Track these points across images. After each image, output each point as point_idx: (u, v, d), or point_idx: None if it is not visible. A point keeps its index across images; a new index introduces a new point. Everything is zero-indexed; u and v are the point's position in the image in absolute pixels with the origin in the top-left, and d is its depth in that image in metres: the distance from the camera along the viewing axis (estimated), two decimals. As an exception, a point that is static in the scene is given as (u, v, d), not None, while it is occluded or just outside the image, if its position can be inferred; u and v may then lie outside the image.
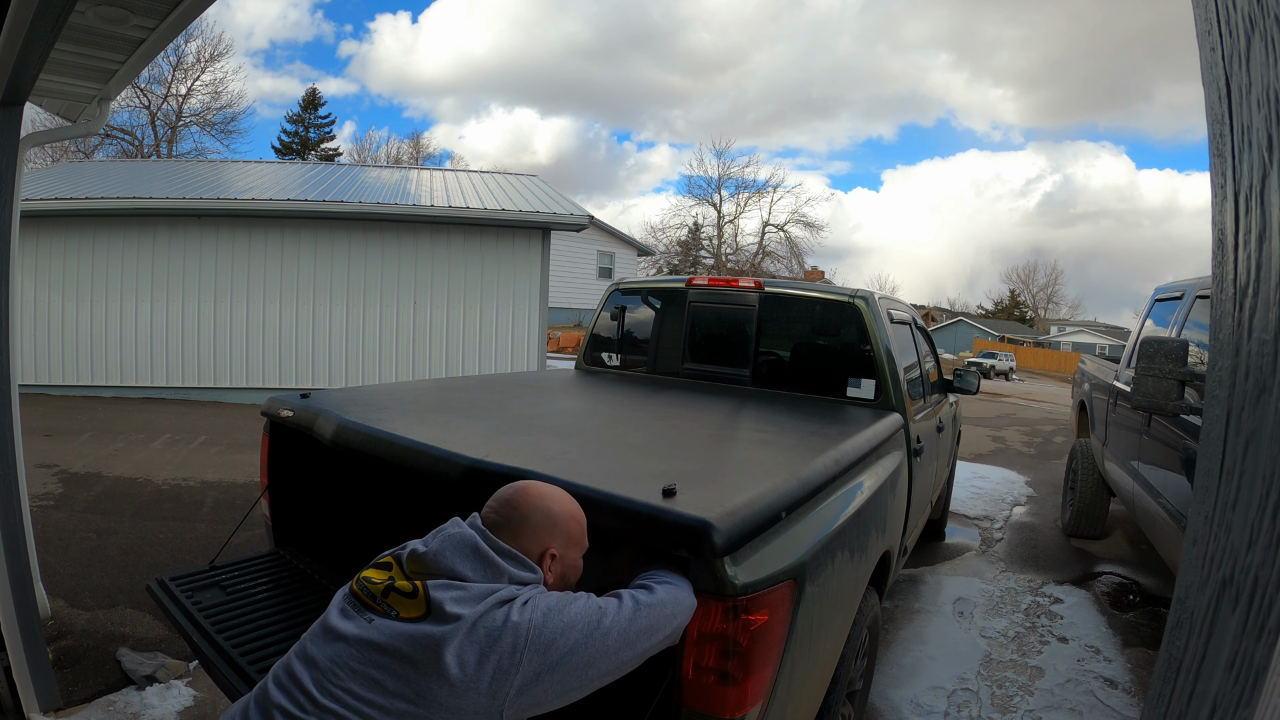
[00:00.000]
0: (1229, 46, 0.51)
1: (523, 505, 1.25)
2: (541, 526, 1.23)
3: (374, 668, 1.07)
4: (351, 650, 1.10)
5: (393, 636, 1.09)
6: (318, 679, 1.09)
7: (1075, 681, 2.99)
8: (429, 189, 10.58)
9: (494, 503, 1.27)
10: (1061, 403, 17.56)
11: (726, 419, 2.54)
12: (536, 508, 1.25)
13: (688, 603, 1.28)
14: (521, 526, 1.22)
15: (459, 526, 1.22)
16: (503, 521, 1.23)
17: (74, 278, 8.56)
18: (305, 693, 1.08)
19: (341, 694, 1.06)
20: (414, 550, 1.21)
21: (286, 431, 2.30)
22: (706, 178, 45.80)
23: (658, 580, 1.29)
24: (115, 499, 4.72)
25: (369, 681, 1.07)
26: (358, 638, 1.11)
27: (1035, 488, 6.84)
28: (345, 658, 1.09)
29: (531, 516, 1.23)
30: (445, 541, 1.19)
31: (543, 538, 1.23)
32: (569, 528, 1.27)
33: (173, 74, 29.72)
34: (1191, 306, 3.49)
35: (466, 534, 1.20)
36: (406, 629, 1.09)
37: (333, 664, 1.09)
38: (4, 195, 2.32)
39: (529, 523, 1.23)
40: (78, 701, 2.43)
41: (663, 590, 1.26)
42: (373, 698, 1.05)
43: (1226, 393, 0.53)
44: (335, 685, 1.07)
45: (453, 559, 1.16)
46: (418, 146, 43.14)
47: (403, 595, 1.13)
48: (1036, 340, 50.08)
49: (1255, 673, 0.49)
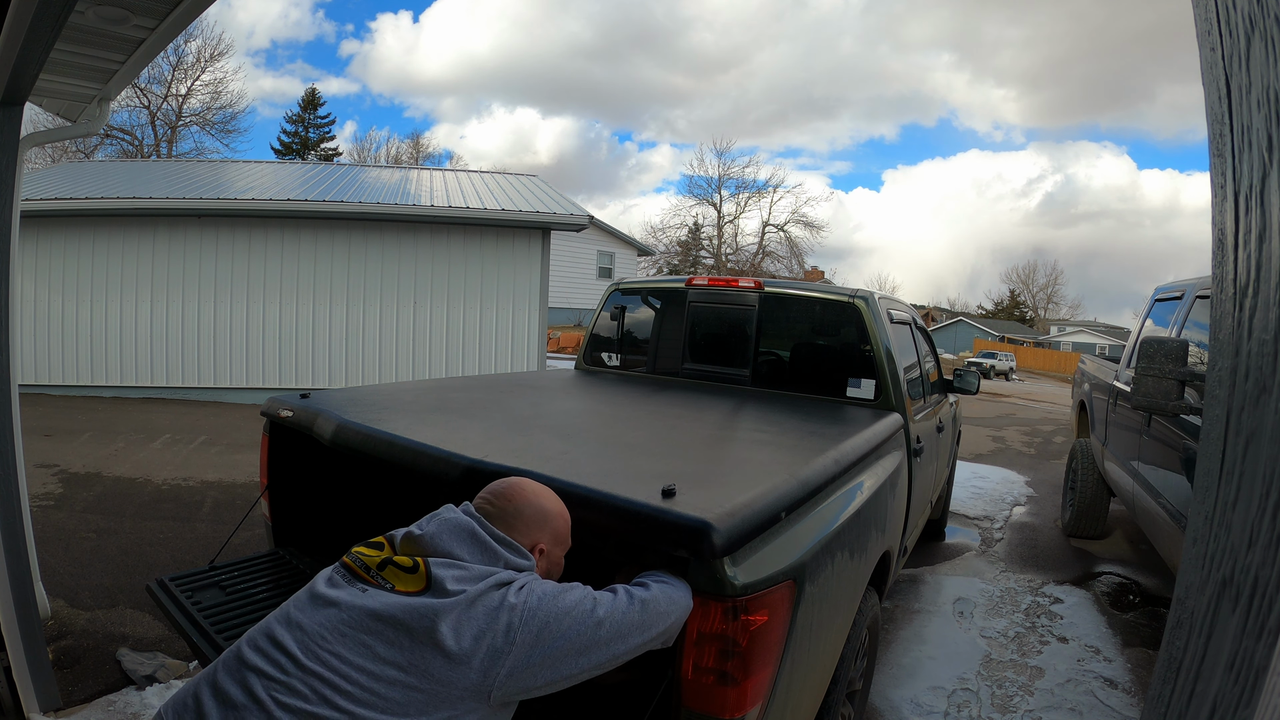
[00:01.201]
0: (1229, 46, 0.51)
1: (517, 499, 1.28)
2: (533, 521, 1.27)
3: (366, 633, 1.06)
4: (343, 615, 1.08)
5: (389, 605, 1.09)
6: (303, 642, 1.07)
7: (1075, 681, 2.99)
8: (429, 189, 10.58)
9: (487, 494, 1.29)
10: (1061, 403, 17.56)
11: (726, 419, 2.54)
12: (530, 503, 1.28)
13: (684, 603, 1.28)
14: (515, 519, 1.25)
15: (454, 512, 1.24)
16: (497, 513, 1.25)
17: (74, 278, 8.56)
18: (288, 655, 1.05)
19: (329, 657, 1.04)
20: (410, 532, 1.22)
21: (286, 432, 2.30)
22: (706, 178, 45.74)
23: (656, 579, 1.30)
24: (115, 499, 4.72)
25: (359, 646, 1.05)
26: (351, 604, 1.10)
27: (1035, 488, 6.84)
28: (336, 622, 1.08)
29: (525, 511, 1.27)
30: (443, 525, 1.21)
31: (534, 532, 1.26)
32: (557, 525, 1.31)
33: (173, 74, 29.73)
34: (1191, 306, 3.49)
35: (464, 520, 1.22)
36: (404, 599, 1.09)
37: (321, 628, 1.08)
38: (4, 195, 2.32)
39: (522, 516, 1.26)
40: (78, 701, 2.43)
41: (659, 589, 1.26)
42: (362, 663, 1.04)
43: (1226, 393, 0.53)
44: (322, 649, 1.05)
45: (450, 542, 1.18)
46: (417, 147, 43.17)
47: (401, 570, 1.14)
48: (1036, 340, 50.08)
49: (1255, 673, 0.49)
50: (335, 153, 39.67)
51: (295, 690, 1.02)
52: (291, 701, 1.01)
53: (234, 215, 8.76)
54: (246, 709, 1.01)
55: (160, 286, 8.71)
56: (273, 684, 1.03)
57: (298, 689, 1.02)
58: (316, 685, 1.02)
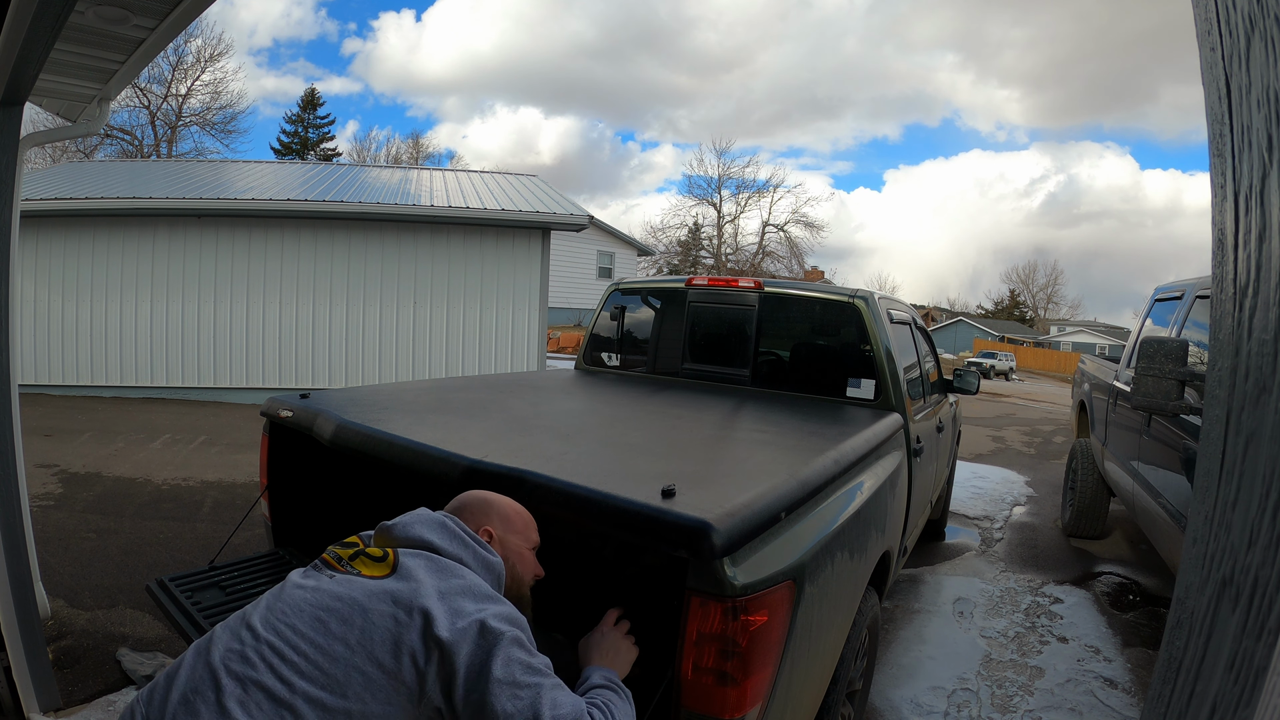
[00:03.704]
0: (1229, 46, 0.51)
1: (464, 497, 1.44)
2: (478, 509, 1.39)
3: (323, 610, 1.09)
4: (307, 595, 1.12)
5: (351, 586, 1.12)
6: (265, 617, 1.10)
7: (1075, 681, 2.99)
8: (429, 189, 10.58)
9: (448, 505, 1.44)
10: (1061, 403, 17.56)
11: (726, 419, 2.54)
12: (475, 497, 1.43)
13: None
14: (461, 511, 1.39)
15: (424, 510, 1.35)
16: (451, 511, 1.39)
17: (74, 278, 8.55)
18: (249, 628, 1.09)
19: (284, 629, 1.07)
20: (382, 524, 1.30)
21: (286, 432, 2.30)
22: (706, 177, 45.79)
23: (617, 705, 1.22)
24: (115, 499, 4.72)
25: (314, 621, 1.08)
26: (316, 587, 1.14)
27: (1035, 488, 6.84)
28: (299, 600, 1.11)
29: (469, 503, 1.41)
30: (414, 517, 1.30)
31: (479, 519, 1.37)
32: (505, 511, 1.41)
33: (173, 74, 29.74)
34: (1191, 306, 3.49)
35: (434, 514, 1.32)
36: (367, 582, 1.14)
37: (285, 605, 1.11)
38: (4, 195, 2.32)
39: (466, 507, 1.40)
40: (78, 701, 2.43)
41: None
42: (313, 635, 1.06)
43: (1226, 393, 0.53)
44: (281, 621, 1.08)
45: (422, 529, 1.26)
46: (417, 147, 43.19)
47: (371, 559, 1.19)
48: (1036, 340, 50.08)
49: (1255, 673, 0.49)
50: (334, 153, 39.69)
51: (247, 659, 1.04)
52: (240, 669, 1.03)
53: (234, 215, 8.76)
54: (202, 678, 1.04)
55: (160, 286, 8.71)
56: (230, 654, 1.06)
57: (249, 657, 1.04)
58: (266, 654, 1.04)
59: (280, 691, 1.00)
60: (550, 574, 1.63)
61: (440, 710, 1.06)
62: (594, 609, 1.50)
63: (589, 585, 1.82)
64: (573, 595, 1.75)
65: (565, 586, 1.73)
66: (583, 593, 1.78)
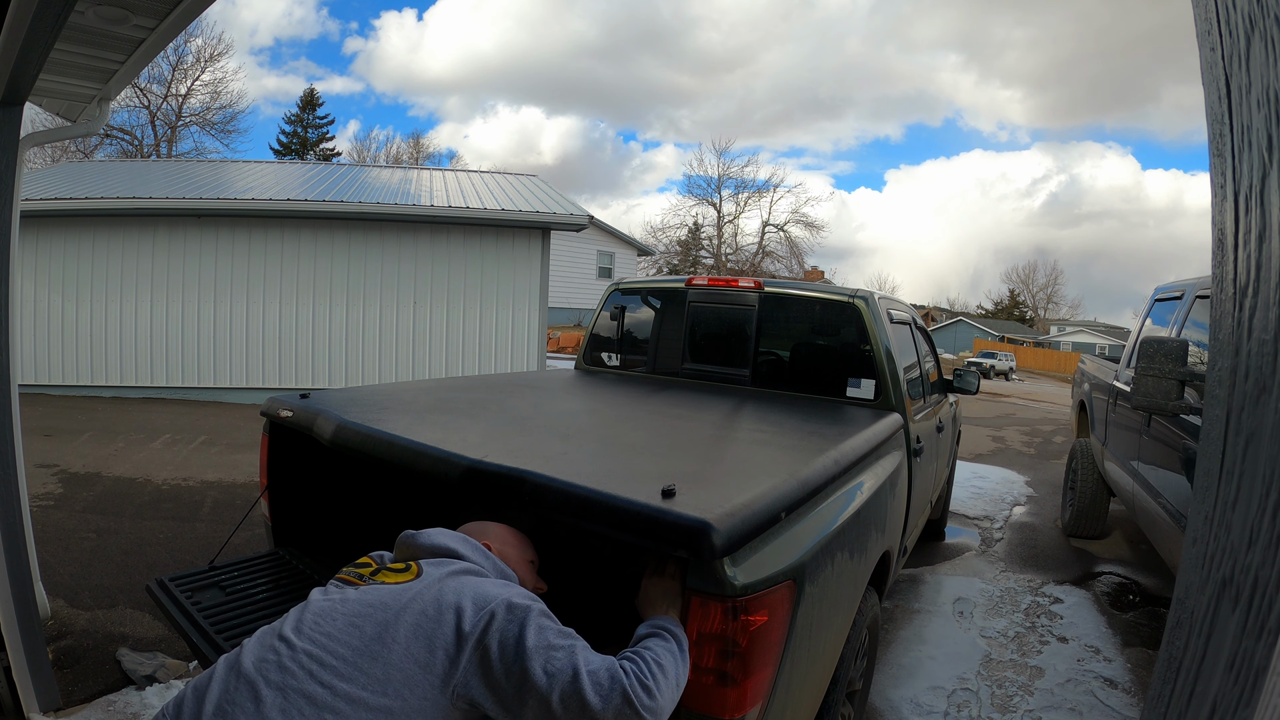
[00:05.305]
0: (1229, 46, 0.51)
1: (462, 526, 1.52)
2: (475, 529, 1.49)
3: (356, 615, 1.13)
4: (336, 605, 1.16)
5: (379, 593, 1.17)
6: (297, 628, 1.13)
7: (1075, 681, 2.99)
8: (429, 189, 10.58)
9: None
10: (1061, 403, 17.56)
11: (726, 419, 2.54)
12: (472, 523, 1.53)
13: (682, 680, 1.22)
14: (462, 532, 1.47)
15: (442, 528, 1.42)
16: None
17: (74, 278, 8.56)
18: (282, 639, 1.11)
19: (319, 636, 1.10)
20: (404, 535, 1.36)
21: (286, 432, 2.30)
22: (706, 177, 45.72)
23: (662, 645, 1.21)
24: (115, 499, 4.72)
25: (349, 626, 1.11)
26: (343, 598, 1.18)
27: (1035, 488, 6.84)
28: (329, 610, 1.15)
29: (467, 527, 1.51)
30: (436, 530, 1.37)
31: (478, 537, 1.45)
32: (500, 530, 1.51)
33: (173, 74, 29.72)
34: (1191, 306, 3.49)
35: (453, 531, 1.40)
36: (394, 587, 1.18)
37: (317, 616, 1.14)
38: (4, 195, 2.32)
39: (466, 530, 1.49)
40: (78, 701, 2.43)
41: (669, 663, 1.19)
42: (349, 639, 1.09)
43: (1226, 393, 0.53)
44: (315, 630, 1.11)
45: (445, 538, 1.34)
46: (418, 147, 43.13)
47: (394, 572, 1.24)
48: (1036, 340, 50.07)
49: (1255, 673, 0.49)
50: (334, 153, 39.67)
51: (285, 668, 1.06)
52: (280, 678, 1.05)
53: (234, 215, 8.76)
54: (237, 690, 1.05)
55: (160, 286, 8.71)
56: (265, 664, 1.07)
57: (288, 666, 1.06)
58: (305, 661, 1.06)
59: (323, 696, 1.03)
60: (550, 574, 1.63)
61: (474, 703, 1.09)
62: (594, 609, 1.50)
63: (589, 586, 1.82)
64: (572, 595, 1.75)
65: (565, 586, 1.73)
66: (582, 593, 1.78)
